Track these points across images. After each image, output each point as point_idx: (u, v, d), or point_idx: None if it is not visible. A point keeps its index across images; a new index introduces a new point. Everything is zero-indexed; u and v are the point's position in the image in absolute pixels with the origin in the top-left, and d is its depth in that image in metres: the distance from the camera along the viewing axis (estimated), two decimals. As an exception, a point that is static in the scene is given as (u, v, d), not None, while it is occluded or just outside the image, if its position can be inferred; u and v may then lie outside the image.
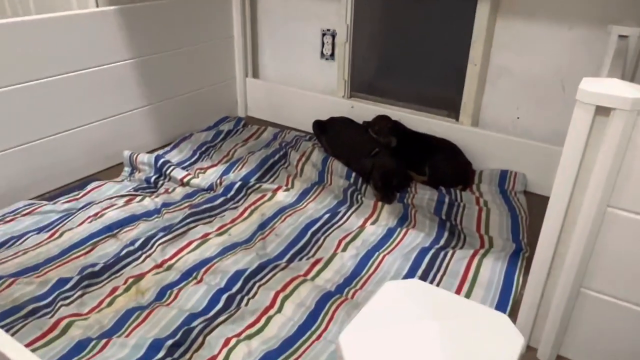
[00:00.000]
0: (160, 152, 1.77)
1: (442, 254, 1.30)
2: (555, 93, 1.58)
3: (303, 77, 2.05)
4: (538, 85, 1.60)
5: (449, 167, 1.66)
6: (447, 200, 1.53)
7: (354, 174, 1.63)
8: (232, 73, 2.08)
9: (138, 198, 1.47)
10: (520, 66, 1.61)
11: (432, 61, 1.79)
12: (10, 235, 1.29)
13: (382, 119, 1.76)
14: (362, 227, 1.42)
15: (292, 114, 2.06)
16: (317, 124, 1.82)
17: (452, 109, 1.77)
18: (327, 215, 1.46)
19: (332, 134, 1.77)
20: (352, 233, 1.39)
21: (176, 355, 0.98)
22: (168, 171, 1.61)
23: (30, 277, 1.15)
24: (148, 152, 1.72)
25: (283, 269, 1.23)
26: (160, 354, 0.98)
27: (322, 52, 1.96)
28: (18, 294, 1.09)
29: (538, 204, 1.53)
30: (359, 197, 1.55)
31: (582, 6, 1.46)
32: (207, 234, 1.34)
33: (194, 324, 1.05)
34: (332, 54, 1.93)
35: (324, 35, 1.93)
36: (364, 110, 1.87)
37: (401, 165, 1.61)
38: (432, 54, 1.78)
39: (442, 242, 1.35)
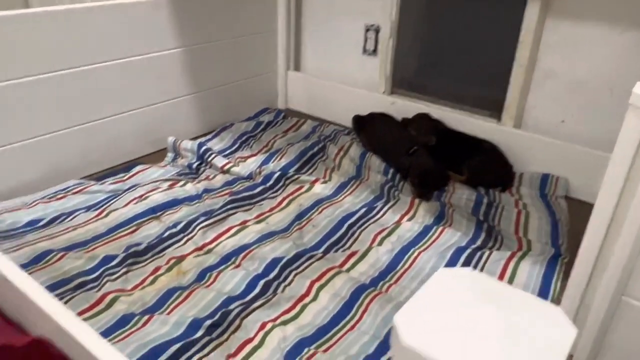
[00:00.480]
0: (203, 139, 1.82)
1: (478, 254, 1.29)
2: (603, 97, 1.54)
3: (344, 71, 2.06)
4: (585, 88, 1.56)
5: (488, 168, 1.64)
6: (485, 201, 1.52)
7: (391, 170, 1.63)
8: (274, 65, 2.11)
9: (181, 183, 1.52)
10: (568, 69, 1.57)
11: (476, 60, 1.77)
12: (61, 212, 1.36)
13: (423, 117, 1.75)
14: (398, 223, 1.42)
15: (331, 108, 2.07)
16: (357, 119, 1.83)
17: (494, 109, 1.75)
18: (363, 210, 1.47)
19: (371, 129, 1.78)
20: (388, 228, 1.40)
21: (214, 335, 1.02)
22: (209, 158, 1.65)
23: (79, 252, 1.21)
24: (191, 139, 1.77)
25: (319, 259, 1.25)
26: (199, 333, 1.01)
27: (364, 48, 1.96)
28: (68, 267, 1.15)
29: (579, 209, 1.50)
30: (396, 193, 1.55)
31: (635, 10, 1.41)
32: (245, 221, 1.38)
33: (232, 306, 1.08)
34: (375, 50, 1.94)
35: (367, 30, 1.93)
36: (404, 107, 1.87)
37: (439, 165, 1.60)
38: (477, 53, 1.76)
39: (478, 242, 1.34)
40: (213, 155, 1.66)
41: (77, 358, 0.85)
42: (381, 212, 1.47)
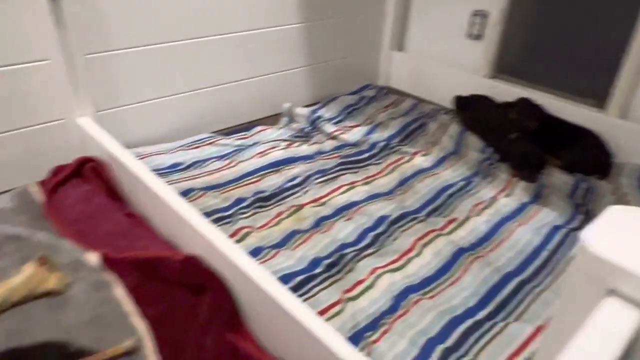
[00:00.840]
0: (313, 108, 1.97)
1: (575, 234, 1.35)
2: None
3: (446, 54, 2.12)
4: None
5: (588, 156, 1.66)
6: (583, 186, 1.56)
7: (490, 150, 1.70)
8: (380, 45, 2.22)
9: (296, 144, 1.69)
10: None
11: (584, 48, 1.78)
12: (198, 159, 1.57)
13: (525, 102, 1.80)
14: (495, 198, 1.50)
15: (431, 88, 2.15)
16: (459, 99, 1.91)
17: (599, 98, 1.75)
18: (461, 183, 1.56)
19: (472, 110, 1.85)
20: (485, 202, 1.48)
21: (332, 272, 1.17)
22: (320, 125, 1.81)
23: (215, 192, 1.41)
24: (302, 107, 1.94)
25: (421, 221, 1.37)
26: (319, 269, 1.17)
27: (469, 32, 2.02)
28: (208, 204, 1.35)
29: (683, 204, 1.50)
30: (494, 170, 1.62)
31: None
32: (354, 182, 1.52)
33: (346, 251, 1.23)
34: (480, 34, 1.99)
35: (474, 15, 1.98)
36: (504, 92, 1.92)
37: (539, 149, 1.65)
38: (586, 41, 1.76)
39: (575, 223, 1.40)
40: (324, 122, 1.81)
41: (226, 273, 1.03)
42: (478, 187, 1.56)
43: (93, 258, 1.11)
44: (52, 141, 1.41)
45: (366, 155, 1.67)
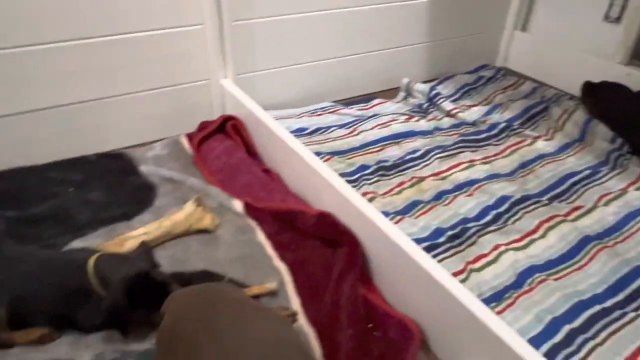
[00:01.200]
0: (431, 84, 1.97)
1: None
2: None
3: (576, 37, 2.02)
4: None
5: None
6: None
7: (620, 140, 1.62)
8: (502, 24, 2.16)
9: (415, 118, 1.71)
10: None
11: None
12: (320, 126, 1.65)
13: (665, 92, 1.68)
14: (624, 190, 1.44)
15: (554, 72, 2.06)
16: (588, 85, 1.81)
17: None
18: (587, 171, 1.51)
19: (602, 98, 1.75)
20: (614, 193, 1.42)
21: (454, 243, 1.20)
22: (438, 102, 1.82)
23: (341, 157, 1.48)
24: (420, 83, 1.95)
25: (544, 205, 1.35)
26: (442, 239, 1.20)
27: (607, 14, 1.90)
28: (334, 168, 1.41)
29: None
30: (625, 162, 1.55)
31: None
32: (473, 160, 1.52)
33: (469, 225, 1.25)
34: (619, 17, 1.87)
35: (616, -4, 1.86)
36: (641, 80, 1.80)
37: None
38: None
39: None
40: (442, 100, 1.82)
41: (359, 230, 1.09)
42: (606, 177, 1.49)
43: (237, 204, 1.22)
44: (198, 98, 1.55)
45: (485, 135, 1.65)
